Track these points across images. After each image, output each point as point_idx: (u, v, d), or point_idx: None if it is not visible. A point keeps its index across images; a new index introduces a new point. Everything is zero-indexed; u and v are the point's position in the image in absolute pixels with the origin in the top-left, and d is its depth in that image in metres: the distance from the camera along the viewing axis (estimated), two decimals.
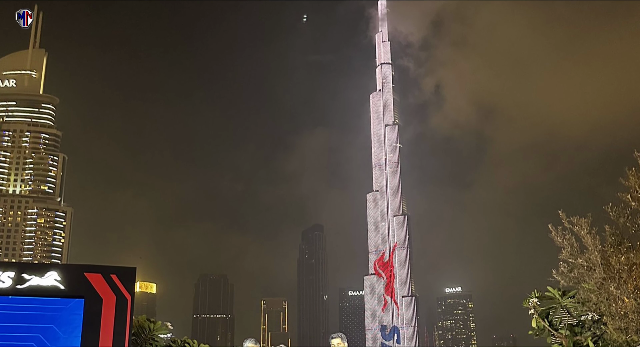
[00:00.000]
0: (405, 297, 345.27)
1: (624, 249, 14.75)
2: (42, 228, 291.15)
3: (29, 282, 14.78)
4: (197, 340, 20.57)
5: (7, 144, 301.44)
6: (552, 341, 16.24)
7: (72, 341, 14.49)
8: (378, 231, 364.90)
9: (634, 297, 13.85)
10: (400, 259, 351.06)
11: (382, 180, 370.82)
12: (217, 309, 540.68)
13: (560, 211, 15.97)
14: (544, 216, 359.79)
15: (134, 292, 15.43)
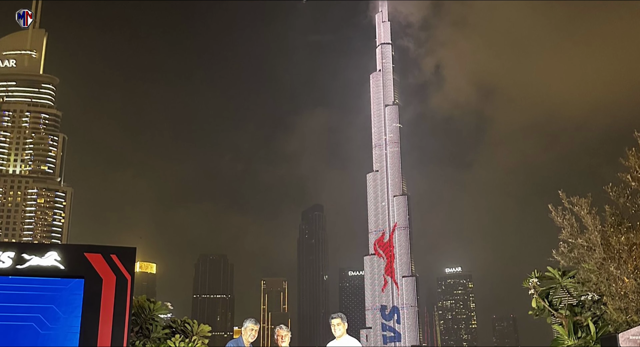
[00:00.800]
0: (405, 277, 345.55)
1: (624, 229, 14.69)
2: (42, 208, 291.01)
3: (29, 262, 14.74)
4: (197, 320, 20.59)
5: (7, 124, 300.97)
6: (552, 321, 16.19)
7: (72, 321, 14.48)
8: (378, 211, 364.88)
9: (634, 277, 13.81)
10: (400, 239, 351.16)
11: (382, 160, 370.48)
12: (217, 289, 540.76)
13: (560, 190, 15.92)
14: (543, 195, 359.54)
15: (134, 273, 15.42)
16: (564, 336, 14.44)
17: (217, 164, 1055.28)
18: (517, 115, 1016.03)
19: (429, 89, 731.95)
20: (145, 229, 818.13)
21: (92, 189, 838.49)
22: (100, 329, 14.51)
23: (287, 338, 13.62)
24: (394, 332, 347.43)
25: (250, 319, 13.09)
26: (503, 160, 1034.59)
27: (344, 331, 13.07)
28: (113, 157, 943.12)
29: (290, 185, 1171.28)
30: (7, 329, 14.01)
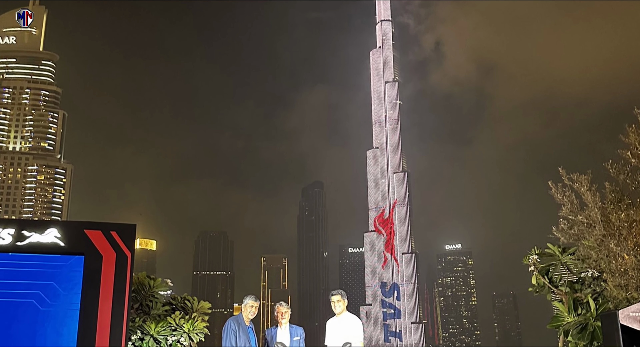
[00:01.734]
0: (405, 254, 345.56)
1: (624, 206, 14.68)
2: (42, 185, 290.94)
3: (29, 239, 14.72)
4: (197, 297, 20.59)
5: (7, 101, 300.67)
6: (552, 298, 16.22)
7: (72, 297, 14.49)
8: (378, 188, 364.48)
9: (634, 254, 13.81)
10: (400, 216, 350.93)
11: (382, 137, 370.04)
12: (217, 266, 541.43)
13: (560, 167, 15.89)
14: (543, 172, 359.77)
15: (134, 249, 15.40)
16: (564, 313, 14.46)
17: (217, 141, 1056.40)
18: (517, 92, 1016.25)
19: (429, 66, 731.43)
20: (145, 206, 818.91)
21: (92, 165, 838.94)
22: (100, 305, 14.52)
23: (287, 315, 13.63)
24: (393, 309, 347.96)
25: (250, 296, 13.10)
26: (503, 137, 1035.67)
27: (344, 307, 13.08)
28: (113, 134, 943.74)
29: (290, 162, 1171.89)
30: (7, 305, 14.03)
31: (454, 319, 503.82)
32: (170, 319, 16.72)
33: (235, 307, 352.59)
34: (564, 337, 14.53)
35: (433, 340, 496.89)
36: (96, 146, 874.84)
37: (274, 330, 13.74)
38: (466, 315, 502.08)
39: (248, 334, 12.69)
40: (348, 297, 13.19)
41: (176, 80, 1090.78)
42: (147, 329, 16.35)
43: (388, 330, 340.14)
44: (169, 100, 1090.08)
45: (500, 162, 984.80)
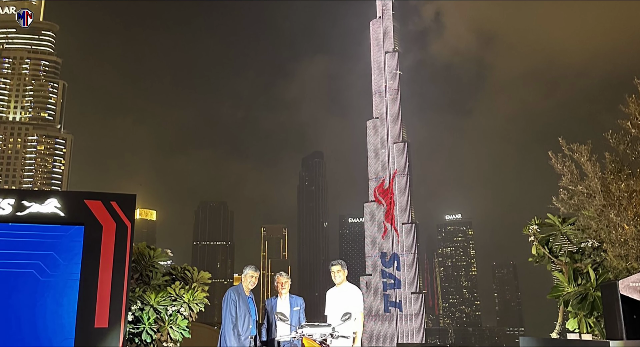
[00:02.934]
0: (405, 224, 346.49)
1: (624, 176, 14.66)
2: (42, 155, 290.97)
3: (29, 209, 14.70)
4: (197, 267, 20.49)
5: (7, 71, 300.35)
6: (552, 268, 16.22)
7: (72, 267, 14.49)
8: (378, 158, 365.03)
9: (634, 224, 13.81)
10: (400, 186, 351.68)
11: (382, 107, 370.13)
12: (217, 236, 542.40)
13: (560, 137, 15.84)
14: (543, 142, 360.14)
15: (134, 219, 15.36)
16: (564, 283, 14.48)
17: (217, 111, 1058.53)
18: (517, 63, 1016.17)
19: (429, 36, 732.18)
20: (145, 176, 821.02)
21: (92, 136, 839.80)
22: (100, 276, 14.54)
23: (287, 285, 13.64)
24: (393, 279, 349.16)
25: (250, 266, 13.11)
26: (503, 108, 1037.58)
27: (344, 278, 13.09)
28: (113, 104, 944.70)
29: (290, 132, 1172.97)
30: (7, 276, 14.04)
31: (454, 289, 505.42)
32: (170, 289, 16.73)
33: (235, 277, 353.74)
34: (564, 307, 14.55)
35: (433, 310, 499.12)
36: (96, 116, 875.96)
37: (274, 300, 13.77)
38: (466, 285, 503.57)
39: (248, 304, 12.72)
40: (348, 268, 13.21)
41: (176, 50, 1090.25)
42: (147, 299, 16.37)
43: (388, 300, 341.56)
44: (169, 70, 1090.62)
45: (500, 132, 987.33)
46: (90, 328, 14.13)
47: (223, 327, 12.41)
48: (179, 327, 16.67)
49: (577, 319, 14.11)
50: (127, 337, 15.91)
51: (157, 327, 16.53)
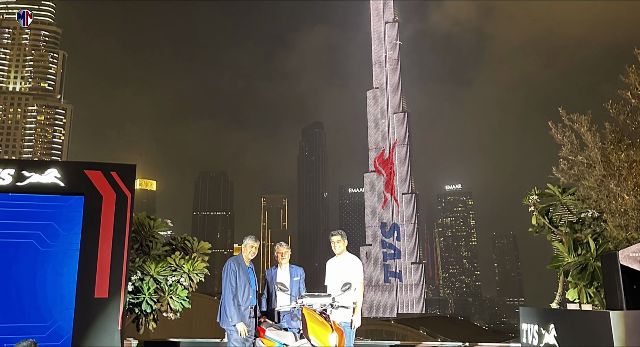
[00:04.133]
0: (405, 194, 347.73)
1: (624, 146, 14.61)
2: (42, 125, 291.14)
3: (29, 179, 14.67)
4: (197, 237, 20.49)
5: (7, 42, 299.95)
6: (552, 238, 16.21)
7: (72, 238, 14.48)
8: (378, 128, 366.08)
9: (633, 195, 13.79)
10: (400, 156, 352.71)
11: (382, 77, 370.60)
12: (217, 206, 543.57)
13: (560, 108, 15.79)
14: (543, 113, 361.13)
15: (134, 190, 15.32)
16: (564, 253, 14.48)
17: (217, 81, 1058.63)
18: (517, 33, 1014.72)
19: (429, 6, 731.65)
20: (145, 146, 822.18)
21: (92, 106, 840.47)
22: (100, 246, 14.55)
23: (287, 255, 13.65)
24: (393, 249, 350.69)
25: (250, 236, 13.12)
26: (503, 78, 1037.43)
27: (344, 248, 13.09)
28: (113, 75, 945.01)
29: (290, 102, 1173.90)
30: (7, 246, 14.06)
31: (454, 260, 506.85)
32: (170, 260, 16.75)
33: (235, 247, 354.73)
34: (564, 277, 14.56)
35: (433, 280, 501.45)
36: (96, 87, 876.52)
37: (273, 270, 13.79)
38: (466, 255, 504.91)
39: (248, 275, 12.73)
40: (348, 238, 13.22)
41: (176, 20, 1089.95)
42: (147, 269, 16.39)
43: (388, 270, 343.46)
44: (169, 41, 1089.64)
45: (500, 102, 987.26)
46: (91, 298, 14.16)
47: (223, 297, 12.42)
48: (179, 298, 16.71)
49: (577, 289, 14.13)
50: (127, 307, 15.96)
51: (157, 297, 16.56)
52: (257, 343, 12.41)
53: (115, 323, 14.23)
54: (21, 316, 13.91)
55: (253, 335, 12.33)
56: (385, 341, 16.88)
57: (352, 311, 12.47)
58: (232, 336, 12.10)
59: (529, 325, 12.34)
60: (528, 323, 12.42)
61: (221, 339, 16.36)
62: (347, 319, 12.37)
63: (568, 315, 10.86)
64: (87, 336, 14.04)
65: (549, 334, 11.19)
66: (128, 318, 16.06)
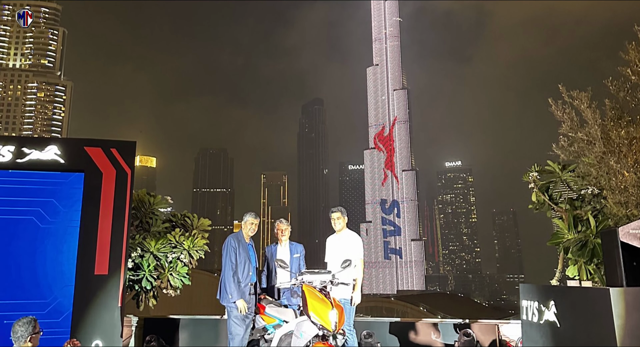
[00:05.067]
0: (405, 171, 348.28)
1: (624, 123, 14.57)
2: (42, 102, 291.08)
3: (29, 156, 14.65)
4: (197, 214, 20.37)
5: (7, 18, 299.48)
6: (552, 215, 16.19)
7: (72, 214, 14.48)
8: (378, 105, 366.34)
9: (633, 171, 13.77)
10: (400, 133, 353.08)
11: (382, 54, 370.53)
12: (217, 183, 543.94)
13: (560, 84, 15.73)
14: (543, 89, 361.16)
15: (134, 166, 15.29)
16: (564, 230, 14.48)
17: (217, 58, 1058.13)
18: (517, 9, 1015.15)
19: None
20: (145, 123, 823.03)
21: (92, 83, 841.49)
22: (101, 222, 14.56)
23: (287, 232, 13.67)
24: (393, 226, 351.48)
25: (250, 213, 13.12)
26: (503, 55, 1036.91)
27: (344, 225, 13.10)
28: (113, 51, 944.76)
29: (290, 79, 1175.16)
30: (7, 222, 14.07)
31: (454, 236, 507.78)
32: (170, 236, 16.76)
33: (235, 224, 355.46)
34: (564, 254, 14.57)
35: (433, 257, 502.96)
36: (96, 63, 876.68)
37: (273, 247, 13.81)
38: (466, 232, 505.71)
39: (248, 251, 12.74)
40: (348, 215, 13.23)
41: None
42: (147, 246, 16.41)
43: (388, 247, 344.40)
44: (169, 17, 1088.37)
45: (500, 79, 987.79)
46: (91, 275, 14.19)
47: (223, 274, 12.44)
48: (179, 274, 16.74)
49: (577, 266, 14.15)
50: (127, 284, 15.99)
51: (157, 274, 16.59)
52: (257, 320, 12.44)
53: (115, 300, 14.26)
54: (21, 293, 13.94)
55: (253, 312, 12.35)
56: (385, 318, 16.95)
57: (352, 287, 12.49)
58: (232, 313, 12.13)
59: (529, 302, 12.36)
60: (528, 300, 12.44)
61: (221, 315, 16.41)
62: (347, 296, 12.39)
63: (568, 292, 10.88)
64: (87, 313, 14.08)
65: (549, 311, 11.22)
66: (128, 295, 16.10)
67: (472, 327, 15.44)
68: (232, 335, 12.11)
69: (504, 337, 15.45)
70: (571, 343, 10.40)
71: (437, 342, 15.84)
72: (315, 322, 10.39)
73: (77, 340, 9.37)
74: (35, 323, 8.49)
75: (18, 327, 8.31)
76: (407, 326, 16.24)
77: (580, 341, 10.10)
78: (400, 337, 16.00)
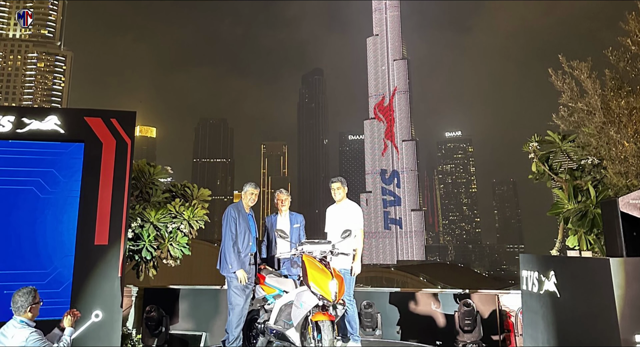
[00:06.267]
0: (405, 141, 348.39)
1: (624, 93, 14.53)
2: (42, 72, 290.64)
3: (29, 126, 14.63)
4: (197, 184, 20.33)
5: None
6: (552, 185, 16.19)
7: (72, 185, 14.47)
8: (378, 75, 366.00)
9: (633, 141, 13.75)
10: (400, 103, 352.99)
11: (382, 24, 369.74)
12: (217, 154, 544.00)
13: (560, 54, 15.70)
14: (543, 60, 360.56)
15: (134, 137, 15.26)
16: (564, 200, 14.49)
17: (217, 28, 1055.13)
18: None
19: None
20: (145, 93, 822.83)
21: (92, 53, 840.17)
22: (101, 193, 14.57)
23: (286, 202, 13.67)
24: (393, 196, 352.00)
25: (250, 183, 13.11)
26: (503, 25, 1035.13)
27: (344, 195, 13.10)
28: (113, 22, 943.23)
29: (290, 49, 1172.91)
30: (7, 193, 14.07)
31: (454, 207, 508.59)
32: (170, 207, 16.76)
33: (235, 194, 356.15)
34: (564, 224, 14.58)
35: (433, 227, 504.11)
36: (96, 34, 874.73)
37: (273, 217, 13.81)
38: (466, 202, 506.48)
39: (248, 222, 12.74)
40: (348, 185, 13.22)
41: None
42: (147, 216, 16.41)
43: (388, 217, 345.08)
44: None
45: (501, 49, 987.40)
46: (90, 245, 14.21)
47: (223, 244, 12.45)
48: (179, 245, 16.75)
49: (577, 236, 14.16)
50: (127, 254, 16.01)
51: (157, 244, 16.61)
52: (257, 290, 12.47)
53: (115, 270, 14.29)
54: (21, 263, 13.97)
55: (253, 282, 12.38)
56: (385, 288, 17.01)
57: (352, 257, 12.50)
58: (232, 283, 12.15)
59: (529, 272, 12.38)
60: (528, 270, 12.46)
61: (221, 286, 16.45)
62: (347, 266, 12.40)
63: (568, 262, 10.90)
64: (87, 283, 14.11)
65: (548, 281, 11.24)
66: (128, 265, 16.12)
67: (472, 298, 15.48)
68: (232, 305, 12.13)
69: (503, 308, 15.50)
70: (571, 313, 10.42)
71: (437, 312, 15.89)
72: (315, 293, 10.41)
73: (77, 310, 9.41)
74: (35, 293, 8.51)
75: (18, 298, 8.33)
76: (407, 296, 16.28)
77: (580, 311, 10.13)
78: (400, 308, 16.05)
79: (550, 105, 16.18)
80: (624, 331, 8.85)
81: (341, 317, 11.39)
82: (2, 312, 11.88)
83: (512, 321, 15.16)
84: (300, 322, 10.77)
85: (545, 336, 11.50)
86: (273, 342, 12.30)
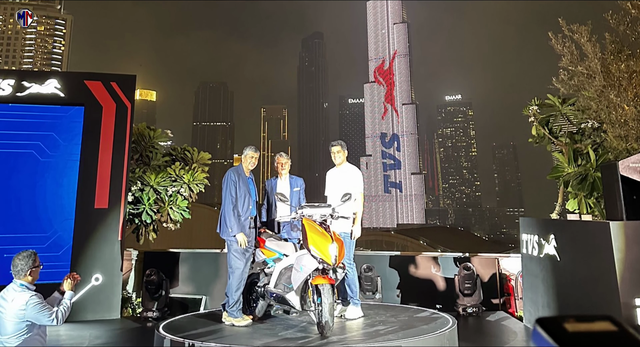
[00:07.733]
0: (405, 105, 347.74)
1: (624, 57, 14.48)
2: (42, 36, 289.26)
3: (29, 89, 14.59)
4: (197, 147, 20.33)
5: None
6: (552, 149, 16.18)
7: (72, 148, 14.47)
8: (378, 39, 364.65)
9: (633, 105, 13.72)
10: (400, 67, 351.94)
11: None
12: (217, 117, 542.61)
13: (560, 18, 15.63)
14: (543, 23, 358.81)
15: (134, 100, 15.22)
16: (564, 164, 14.48)
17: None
18: None
19: None
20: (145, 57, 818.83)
21: (92, 16, 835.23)
22: (100, 156, 14.56)
23: (286, 165, 13.63)
24: (393, 160, 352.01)
25: (250, 146, 13.08)
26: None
27: (344, 158, 13.07)
28: None
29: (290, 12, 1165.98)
30: (7, 156, 14.06)
31: (454, 170, 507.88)
32: (170, 170, 16.76)
33: (235, 158, 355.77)
34: (564, 187, 14.59)
35: (433, 191, 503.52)
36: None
37: (273, 181, 13.79)
38: (466, 166, 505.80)
39: (248, 185, 12.72)
40: (348, 148, 13.19)
41: None
42: (147, 179, 16.41)
43: (388, 181, 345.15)
44: None
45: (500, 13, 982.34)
46: (91, 209, 14.23)
47: (223, 207, 12.43)
48: (179, 208, 16.77)
49: (577, 199, 14.17)
50: (127, 217, 16.02)
51: (157, 207, 16.62)
52: (257, 253, 12.47)
53: (115, 234, 14.31)
54: (21, 227, 13.98)
55: (253, 245, 12.37)
56: (385, 251, 17.01)
57: (352, 221, 12.48)
58: (232, 247, 12.14)
59: (529, 235, 12.39)
60: (528, 234, 12.47)
61: (221, 249, 16.47)
62: (347, 229, 12.39)
63: (568, 225, 10.89)
64: (87, 247, 14.14)
65: (549, 245, 11.24)
66: (128, 229, 16.14)
67: (472, 261, 15.50)
68: (232, 269, 12.13)
69: (503, 271, 15.52)
70: (571, 277, 10.44)
71: (437, 275, 15.92)
72: (315, 256, 10.41)
73: (77, 273, 9.39)
74: (35, 257, 8.49)
75: (18, 261, 8.31)
76: (407, 259, 16.31)
77: (580, 274, 10.14)
78: (400, 271, 16.08)
79: (550, 69, 16.10)
80: (623, 294, 8.86)
81: (341, 280, 11.40)
82: (2, 275, 11.92)
83: (512, 284, 15.18)
84: (300, 285, 10.77)
85: (545, 300, 11.53)
86: (273, 305, 12.33)
